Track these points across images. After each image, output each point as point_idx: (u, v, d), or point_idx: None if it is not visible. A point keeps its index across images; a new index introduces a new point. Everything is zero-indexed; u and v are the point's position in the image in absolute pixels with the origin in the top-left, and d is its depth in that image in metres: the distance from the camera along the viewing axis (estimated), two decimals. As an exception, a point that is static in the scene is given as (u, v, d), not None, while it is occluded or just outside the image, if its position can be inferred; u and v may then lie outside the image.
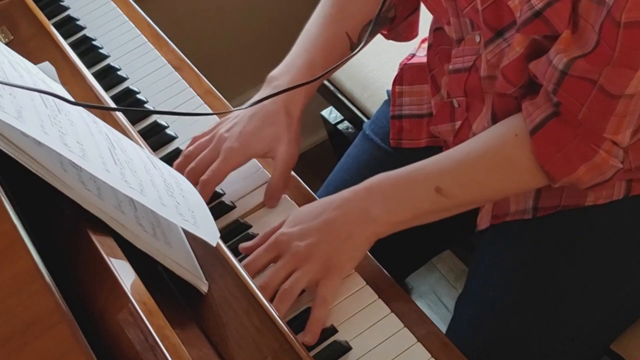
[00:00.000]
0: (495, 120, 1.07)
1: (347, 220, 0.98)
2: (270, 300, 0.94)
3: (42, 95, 0.88)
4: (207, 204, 1.02)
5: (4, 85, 0.82)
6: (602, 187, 1.01)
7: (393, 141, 1.26)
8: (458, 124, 1.16)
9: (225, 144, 1.07)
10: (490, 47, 1.03)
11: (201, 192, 1.01)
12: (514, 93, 1.03)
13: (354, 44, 1.16)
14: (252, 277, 0.96)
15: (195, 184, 1.03)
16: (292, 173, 1.12)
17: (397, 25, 1.23)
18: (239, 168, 1.10)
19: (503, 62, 1.00)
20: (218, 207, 1.09)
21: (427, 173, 1.00)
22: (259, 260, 0.99)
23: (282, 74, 1.12)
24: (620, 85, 0.89)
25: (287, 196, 1.09)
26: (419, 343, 0.92)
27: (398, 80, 1.27)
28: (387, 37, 1.26)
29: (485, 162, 1.00)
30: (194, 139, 1.12)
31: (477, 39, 1.06)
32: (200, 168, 1.07)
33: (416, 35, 1.27)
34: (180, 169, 1.07)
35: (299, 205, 1.08)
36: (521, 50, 0.97)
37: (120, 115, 1.15)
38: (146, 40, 1.34)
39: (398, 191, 1.00)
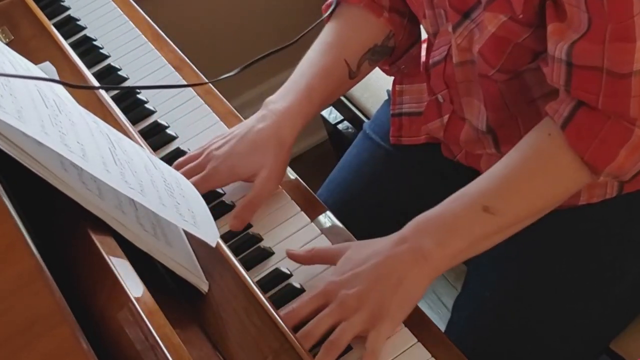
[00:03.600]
0: (487, 106, 1.07)
1: (397, 263, 0.93)
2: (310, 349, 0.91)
3: (43, 95, 0.88)
4: (207, 203, 1.02)
5: (4, 86, 0.82)
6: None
7: (393, 138, 1.26)
8: (446, 118, 1.16)
9: (211, 162, 1.08)
10: (459, 30, 1.04)
11: None
12: (495, 76, 1.03)
13: (352, 72, 1.16)
14: (293, 326, 0.92)
15: None
16: (292, 173, 1.12)
17: (399, 59, 1.22)
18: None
19: (478, 42, 1.01)
20: (218, 207, 1.09)
21: (470, 196, 0.96)
22: (304, 308, 0.94)
23: (279, 98, 1.11)
24: (624, 62, 0.88)
25: (288, 196, 1.09)
26: (419, 343, 0.92)
27: (399, 80, 1.27)
28: (388, 72, 1.25)
29: (526, 169, 0.97)
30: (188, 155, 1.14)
31: (450, 28, 1.07)
32: None
33: (420, 72, 1.24)
34: None
35: (298, 205, 1.08)
36: (493, 29, 0.97)
37: (121, 115, 1.16)
38: (146, 40, 1.34)
39: (446, 221, 0.95)
